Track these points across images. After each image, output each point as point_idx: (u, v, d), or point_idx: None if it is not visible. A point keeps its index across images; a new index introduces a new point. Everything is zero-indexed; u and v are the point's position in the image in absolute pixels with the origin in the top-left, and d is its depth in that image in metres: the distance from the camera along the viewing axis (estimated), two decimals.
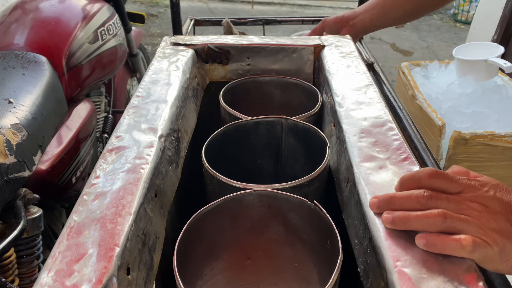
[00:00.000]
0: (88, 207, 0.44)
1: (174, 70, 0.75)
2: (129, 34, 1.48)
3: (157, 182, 0.52)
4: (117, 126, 0.59)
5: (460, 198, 0.39)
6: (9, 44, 0.98)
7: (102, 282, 0.36)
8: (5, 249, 0.64)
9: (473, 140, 1.43)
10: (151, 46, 3.22)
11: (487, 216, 0.38)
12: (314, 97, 0.75)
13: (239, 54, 0.86)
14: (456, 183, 0.40)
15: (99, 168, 0.50)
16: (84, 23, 1.09)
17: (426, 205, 0.39)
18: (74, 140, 0.99)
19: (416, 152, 0.54)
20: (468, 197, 0.39)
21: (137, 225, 0.44)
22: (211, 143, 0.62)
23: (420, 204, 0.40)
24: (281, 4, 4.63)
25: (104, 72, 1.18)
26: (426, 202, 0.39)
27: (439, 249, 0.37)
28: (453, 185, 0.40)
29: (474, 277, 0.36)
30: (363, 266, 0.45)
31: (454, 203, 0.39)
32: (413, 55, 3.47)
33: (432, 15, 4.38)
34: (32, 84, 0.87)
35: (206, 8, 4.47)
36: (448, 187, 0.40)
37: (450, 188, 0.40)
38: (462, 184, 0.40)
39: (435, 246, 0.37)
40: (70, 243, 0.40)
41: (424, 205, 0.39)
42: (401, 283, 0.36)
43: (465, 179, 0.41)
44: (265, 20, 1.26)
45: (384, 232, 0.41)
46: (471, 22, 2.61)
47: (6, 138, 0.71)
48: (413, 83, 1.67)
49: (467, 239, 0.37)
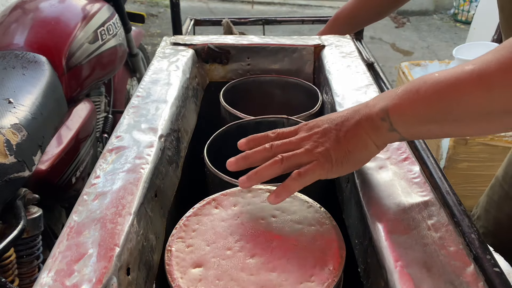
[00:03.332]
0: (88, 207, 0.44)
1: (174, 70, 0.75)
2: (129, 34, 1.47)
3: (157, 182, 0.52)
4: (117, 126, 0.59)
5: (296, 138, 0.47)
6: (9, 44, 0.98)
7: (102, 282, 0.36)
8: (5, 249, 0.64)
9: (473, 140, 1.43)
10: (151, 46, 3.22)
11: (319, 139, 0.46)
12: (314, 97, 0.75)
13: (239, 54, 0.86)
14: (292, 128, 0.49)
15: (99, 168, 0.50)
16: (84, 23, 1.09)
17: (274, 153, 0.47)
18: (74, 140, 0.99)
19: (416, 152, 0.54)
20: (303, 135, 0.47)
21: (137, 225, 0.44)
22: (212, 142, 0.62)
23: (268, 152, 0.47)
24: (281, 4, 4.63)
25: (104, 72, 1.18)
26: (272, 150, 0.47)
27: (287, 194, 0.45)
28: (290, 131, 0.49)
29: (474, 277, 0.36)
30: (363, 266, 0.45)
31: (292, 144, 0.47)
32: (413, 55, 3.47)
33: (432, 15, 4.38)
34: (32, 84, 0.87)
35: (206, 8, 4.47)
36: (287, 134, 0.49)
37: (289, 134, 0.49)
38: (297, 127, 0.49)
39: (282, 194, 0.45)
40: (70, 243, 0.40)
41: (272, 152, 0.47)
42: (401, 283, 0.36)
43: (300, 124, 0.50)
44: (265, 20, 1.26)
45: (384, 232, 0.41)
46: (471, 22, 2.61)
47: (6, 138, 0.71)
48: None
49: (293, 174, 0.44)
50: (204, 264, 0.41)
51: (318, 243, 0.43)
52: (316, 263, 0.41)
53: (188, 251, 0.43)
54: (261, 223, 0.46)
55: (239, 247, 0.43)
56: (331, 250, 0.42)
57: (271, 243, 0.44)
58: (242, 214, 0.47)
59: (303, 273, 0.40)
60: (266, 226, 0.46)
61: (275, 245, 0.43)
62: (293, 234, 0.45)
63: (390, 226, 0.42)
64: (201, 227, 0.46)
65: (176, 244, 0.44)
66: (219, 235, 0.45)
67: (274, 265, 0.41)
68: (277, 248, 0.43)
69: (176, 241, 0.44)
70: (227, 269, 0.41)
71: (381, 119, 0.43)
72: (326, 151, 0.45)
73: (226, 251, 0.43)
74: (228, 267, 0.41)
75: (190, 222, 0.47)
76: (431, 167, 0.51)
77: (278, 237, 0.44)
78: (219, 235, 0.45)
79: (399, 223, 0.42)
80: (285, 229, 0.45)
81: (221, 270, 0.41)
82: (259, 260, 0.42)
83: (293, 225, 0.46)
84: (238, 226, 0.46)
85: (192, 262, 0.42)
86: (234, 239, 0.44)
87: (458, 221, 0.43)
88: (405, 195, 0.46)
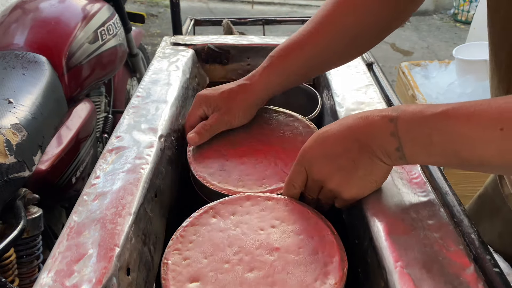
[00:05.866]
0: (88, 207, 0.44)
1: (174, 70, 0.75)
2: (129, 34, 1.47)
3: (157, 182, 0.52)
4: (117, 126, 0.59)
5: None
6: (9, 44, 0.97)
7: (102, 283, 0.36)
8: (5, 249, 0.64)
9: None
10: (151, 46, 3.22)
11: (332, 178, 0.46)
12: (314, 100, 0.75)
13: (239, 54, 0.86)
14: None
15: (99, 168, 0.50)
16: (84, 23, 1.09)
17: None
18: (74, 140, 0.98)
19: None
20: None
21: (137, 225, 0.44)
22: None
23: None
24: (281, 4, 4.63)
25: (104, 72, 1.18)
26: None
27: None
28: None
29: (474, 277, 0.36)
30: (363, 266, 0.45)
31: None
32: (413, 55, 3.46)
33: (432, 15, 4.38)
34: (32, 84, 0.87)
35: (206, 8, 4.47)
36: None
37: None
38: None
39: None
40: (70, 243, 0.40)
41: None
42: (401, 283, 0.36)
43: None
44: (265, 20, 1.26)
45: (384, 232, 0.41)
46: (471, 22, 2.61)
47: (6, 138, 0.71)
48: (413, 83, 1.67)
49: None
50: (201, 278, 0.40)
51: (319, 256, 0.42)
52: (317, 277, 0.40)
53: (185, 264, 0.42)
54: (260, 234, 0.45)
55: (237, 260, 0.42)
56: (333, 264, 0.41)
57: (270, 256, 0.42)
58: (241, 223, 0.46)
59: None
60: (265, 237, 0.44)
61: (274, 258, 0.42)
62: (293, 246, 0.43)
63: (390, 226, 0.42)
64: (198, 238, 0.45)
65: (173, 256, 0.43)
66: (217, 246, 0.44)
67: (274, 279, 0.40)
68: (276, 261, 0.42)
69: (173, 253, 0.43)
70: (225, 284, 0.40)
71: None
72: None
73: (224, 264, 0.42)
74: (226, 282, 0.40)
75: (187, 232, 0.45)
76: (431, 167, 0.51)
77: (278, 249, 0.43)
78: (217, 246, 0.44)
79: (399, 223, 0.42)
80: (285, 240, 0.44)
81: (219, 285, 0.40)
82: (258, 274, 0.40)
83: (293, 236, 0.44)
84: (237, 237, 0.44)
85: (189, 277, 0.40)
86: (232, 251, 0.43)
87: (458, 221, 0.43)
88: (405, 195, 0.46)
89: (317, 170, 0.46)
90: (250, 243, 0.44)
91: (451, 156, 0.39)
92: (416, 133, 0.40)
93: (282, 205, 0.49)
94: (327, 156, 0.46)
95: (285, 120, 0.66)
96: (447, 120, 0.38)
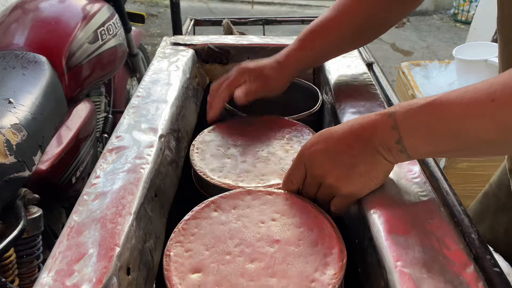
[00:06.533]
0: (88, 207, 0.44)
1: (174, 70, 0.75)
2: (129, 34, 1.47)
3: (157, 182, 0.52)
4: (117, 126, 0.59)
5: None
6: (9, 44, 0.97)
7: (103, 282, 0.36)
8: (5, 249, 0.64)
9: None
10: (151, 46, 3.22)
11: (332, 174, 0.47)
12: (314, 97, 0.75)
13: (239, 54, 0.86)
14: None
15: (99, 168, 0.50)
16: (84, 23, 1.09)
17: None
18: (74, 140, 0.98)
19: None
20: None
21: (137, 225, 0.44)
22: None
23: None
24: (281, 4, 4.63)
25: (104, 72, 1.18)
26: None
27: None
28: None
29: (474, 277, 0.36)
30: (363, 266, 0.45)
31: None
32: (413, 55, 3.47)
33: (432, 15, 4.38)
34: (32, 84, 0.87)
35: (206, 8, 4.47)
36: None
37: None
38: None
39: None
40: (70, 243, 0.40)
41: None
42: (401, 283, 0.36)
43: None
44: (265, 20, 1.26)
45: (384, 232, 0.41)
46: (471, 22, 2.61)
47: (6, 138, 0.71)
48: (413, 83, 1.67)
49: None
50: (203, 269, 0.41)
51: (318, 248, 0.43)
52: (317, 268, 0.41)
53: (187, 255, 0.42)
54: (261, 227, 0.46)
55: (239, 251, 0.43)
56: (332, 255, 0.42)
57: (271, 248, 0.43)
58: (242, 217, 0.47)
59: (304, 279, 0.40)
60: (266, 230, 0.45)
61: (275, 249, 0.43)
62: (294, 238, 0.44)
63: (390, 226, 0.42)
64: (200, 231, 0.45)
65: (175, 248, 0.43)
66: (218, 239, 0.44)
67: (274, 270, 0.41)
68: (277, 253, 0.42)
69: (175, 245, 0.44)
70: (227, 274, 0.40)
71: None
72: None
73: (226, 256, 0.42)
74: (227, 273, 0.40)
75: (188, 225, 0.46)
76: (431, 167, 0.51)
77: (278, 242, 0.44)
78: (218, 239, 0.44)
79: (399, 223, 0.42)
80: (285, 233, 0.45)
81: (221, 276, 0.40)
82: (259, 265, 0.41)
83: (293, 228, 0.45)
84: (238, 230, 0.45)
85: (191, 268, 0.41)
86: (233, 243, 0.44)
87: (458, 221, 0.44)
88: (405, 194, 0.46)
89: (318, 165, 0.47)
90: (251, 236, 0.45)
91: (450, 139, 0.41)
92: (414, 121, 0.42)
93: (282, 199, 0.49)
94: (329, 153, 0.47)
95: (287, 123, 0.68)
96: (441, 103, 0.41)
